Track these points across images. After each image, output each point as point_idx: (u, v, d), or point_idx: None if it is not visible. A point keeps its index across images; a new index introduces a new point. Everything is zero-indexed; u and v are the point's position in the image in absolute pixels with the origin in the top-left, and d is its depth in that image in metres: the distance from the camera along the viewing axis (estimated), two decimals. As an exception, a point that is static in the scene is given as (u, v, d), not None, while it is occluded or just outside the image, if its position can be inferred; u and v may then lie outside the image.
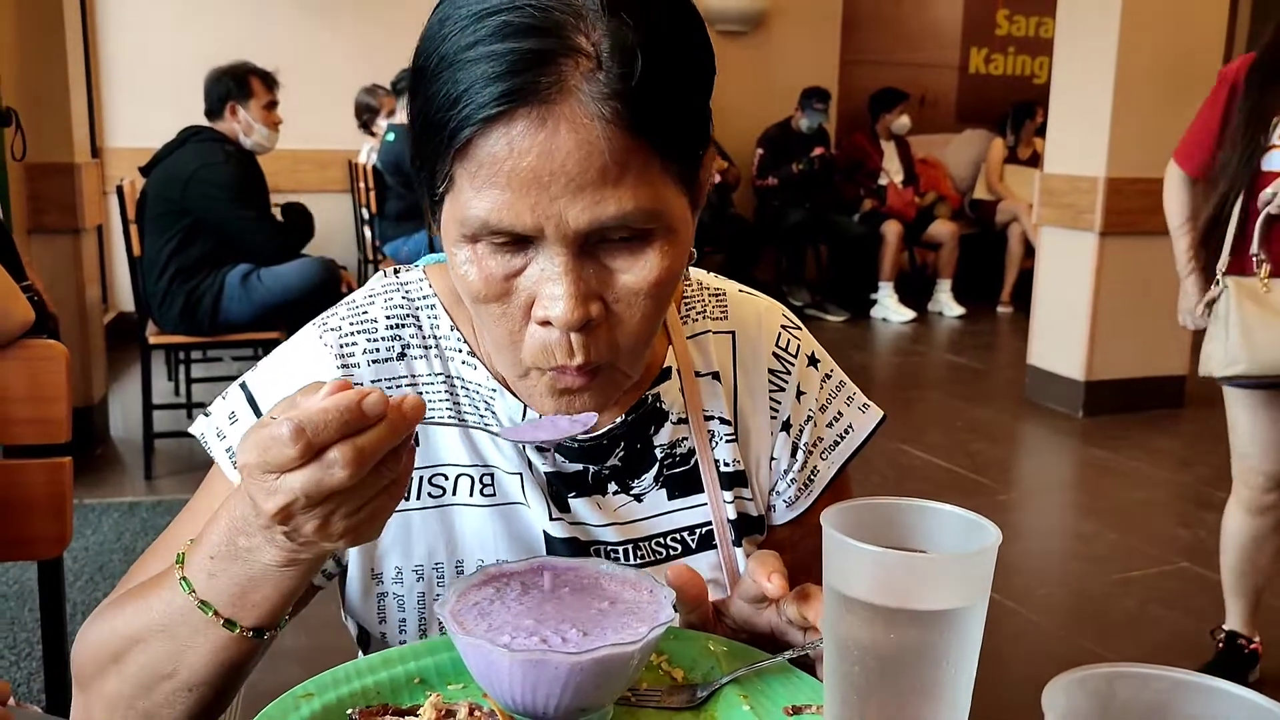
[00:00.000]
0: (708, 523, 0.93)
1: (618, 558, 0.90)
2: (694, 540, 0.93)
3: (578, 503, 0.90)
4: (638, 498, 0.92)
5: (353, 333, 0.88)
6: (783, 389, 0.97)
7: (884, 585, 0.60)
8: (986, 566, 0.61)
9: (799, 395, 0.98)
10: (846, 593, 0.61)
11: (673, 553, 0.92)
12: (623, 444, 0.91)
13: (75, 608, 2.82)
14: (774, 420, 0.97)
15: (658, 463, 0.92)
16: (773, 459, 0.97)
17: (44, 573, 1.61)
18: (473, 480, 0.88)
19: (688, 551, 0.92)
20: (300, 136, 5.51)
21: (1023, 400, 5.21)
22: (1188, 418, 4.96)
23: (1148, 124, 4.55)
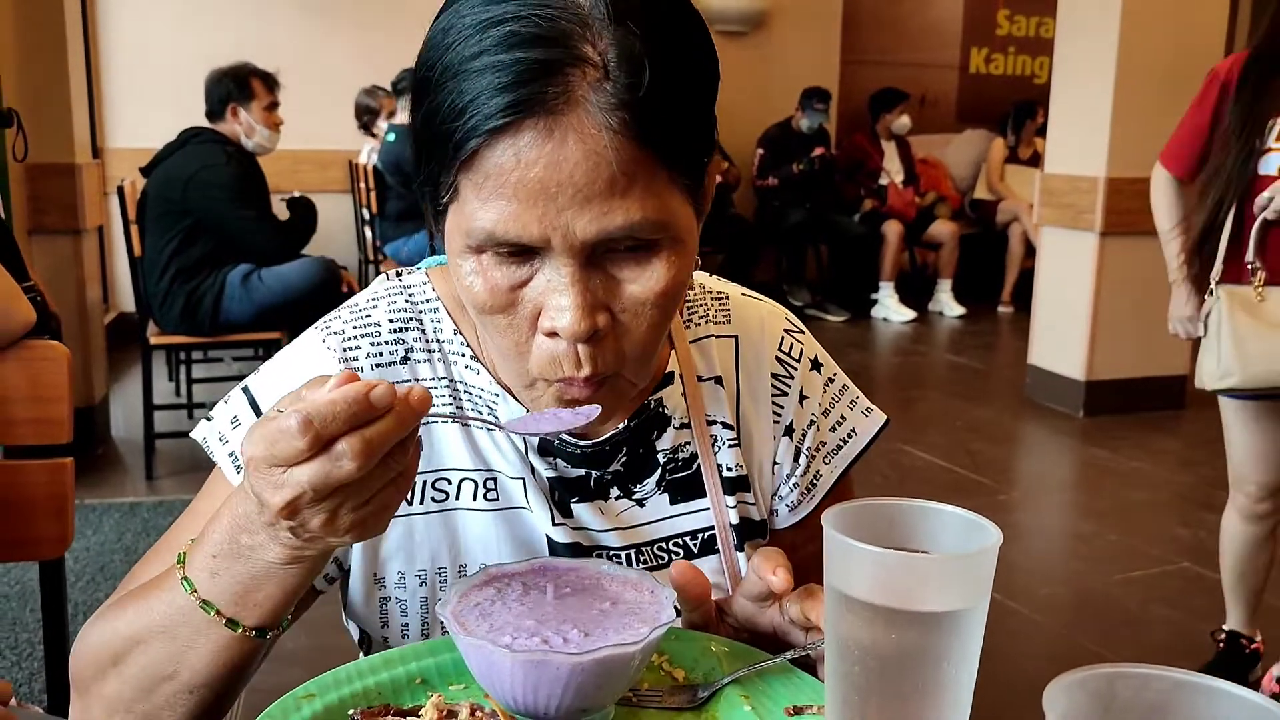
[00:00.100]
0: (710, 528, 0.93)
1: (620, 563, 0.90)
2: (696, 545, 0.93)
3: (580, 508, 0.90)
4: (640, 502, 0.92)
5: (356, 336, 0.88)
6: (786, 393, 0.97)
7: (885, 586, 0.60)
8: (987, 567, 0.61)
9: (802, 400, 0.98)
10: (848, 593, 0.61)
11: (675, 557, 0.92)
12: (625, 449, 0.91)
13: (76, 608, 2.82)
14: (777, 425, 0.97)
15: (660, 468, 0.92)
16: (775, 463, 0.97)
17: (45, 573, 1.62)
18: (476, 485, 0.88)
19: (690, 556, 0.92)
20: (301, 137, 5.51)
21: (1023, 400, 5.21)
22: (1188, 418, 4.96)
23: (1148, 124, 4.54)
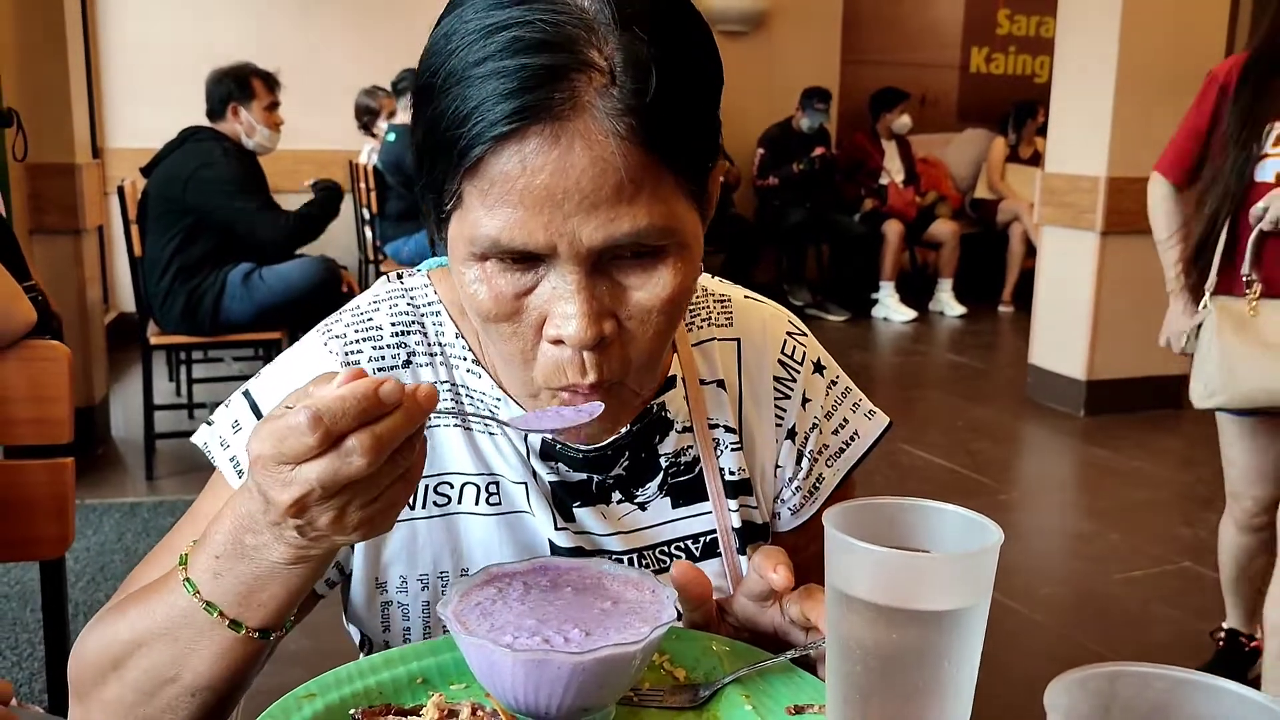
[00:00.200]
0: (712, 531, 0.93)
1: None
2: (698, 549, 0.92)
3: (582, 512, 0.89)
4: (642, 506, 0.91)
5: (358, 340, 0.87)
6: (788, 396, 0.97)
7: (886, 585, 0.60)
8: (988, 566, 0.61)
9: (804, 402, 0.97)
10: (849, 592, 0.61)
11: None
12: (627, 453, 0.90)
13: (77, 608, 2.82)
14: (779, 428, 0.97)
15: (662, 471, 0.92)
16: (778, 467, 0.97)
17: (46, 573, 1.62)
18: (478, 489, 0.88)
19: (692, 560, 0.92)
20: (301, 137, 5.51)
21: (1024, 400, 5.21)
22: (1189, 417, 4.94)
23: (1149, 123, 4.54)
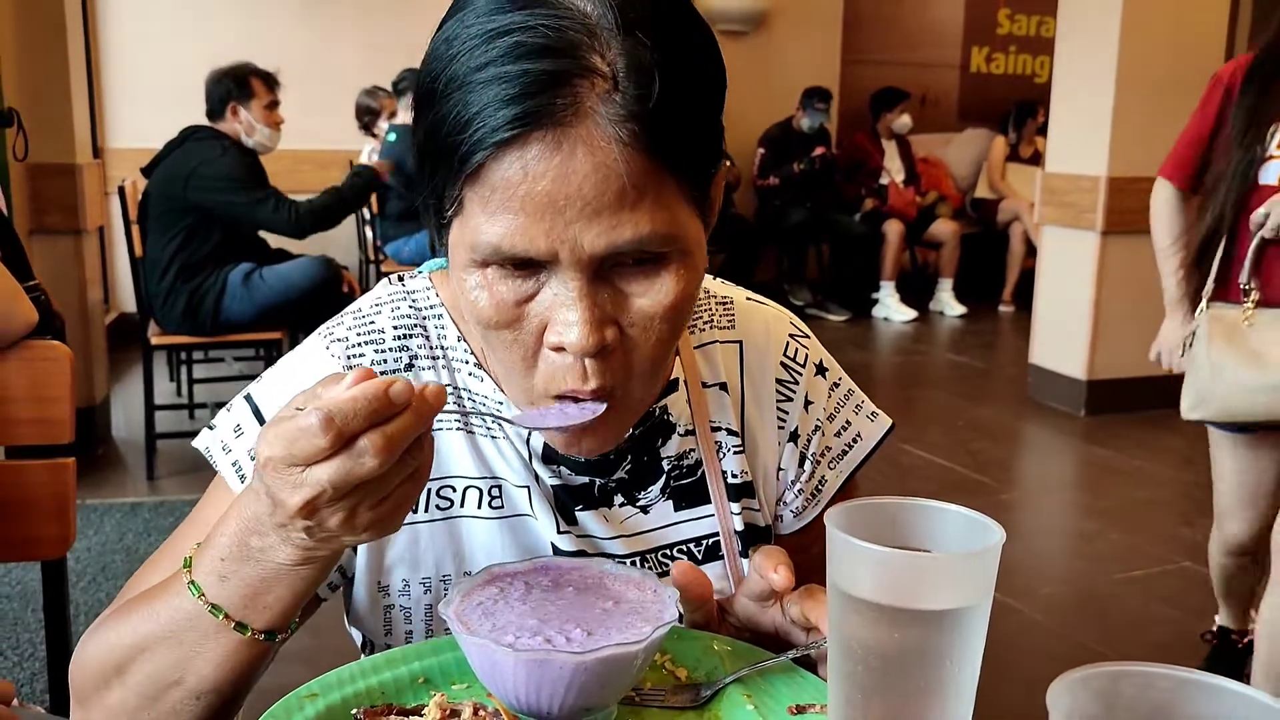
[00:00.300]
0: (715, 534, 0.92)
1: None
2: (701, 551, 0.92)
3: (585, 515, 0.89)
4: (644, 509, 0.91)
5: (360, 343, 0.87)
6: (791, 399, 0.97)
7: (888, 585, 0.60)
8: (990, 566, 0.61)
9: (807, 405, 0.97)
10: (850, 592, 0.61)
11: None
12: (630, 456, 0.90)
13: (78, 608, 2.82)
14: (781, 431, 0.96)
15: (665, 474, 0.92)
16: (780, 469, 0.97)
17: (47, 573, 1.62)
18: (481, 492, 0.87)
19: (694, 563, 0.92)
20: (301, 137, 5.51)
21: (1025, 399, 5.21)
22: (1190, 417, 4.95)
23: (1149, 123, 4.54)
